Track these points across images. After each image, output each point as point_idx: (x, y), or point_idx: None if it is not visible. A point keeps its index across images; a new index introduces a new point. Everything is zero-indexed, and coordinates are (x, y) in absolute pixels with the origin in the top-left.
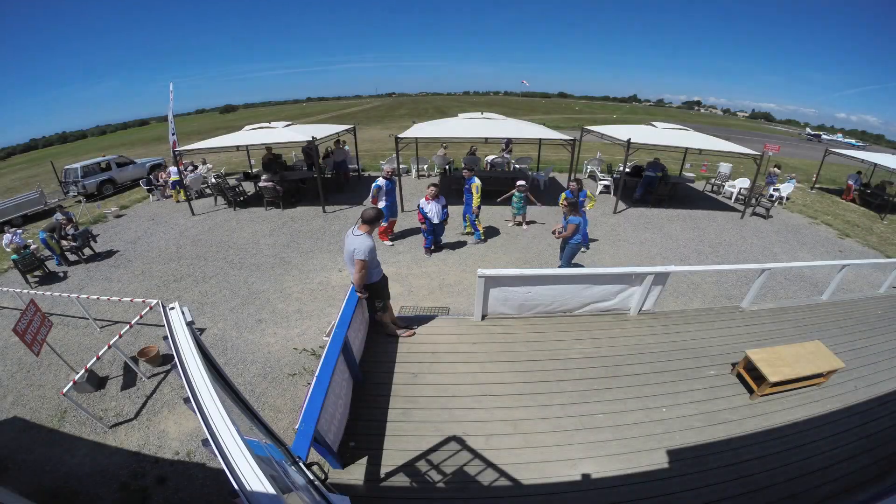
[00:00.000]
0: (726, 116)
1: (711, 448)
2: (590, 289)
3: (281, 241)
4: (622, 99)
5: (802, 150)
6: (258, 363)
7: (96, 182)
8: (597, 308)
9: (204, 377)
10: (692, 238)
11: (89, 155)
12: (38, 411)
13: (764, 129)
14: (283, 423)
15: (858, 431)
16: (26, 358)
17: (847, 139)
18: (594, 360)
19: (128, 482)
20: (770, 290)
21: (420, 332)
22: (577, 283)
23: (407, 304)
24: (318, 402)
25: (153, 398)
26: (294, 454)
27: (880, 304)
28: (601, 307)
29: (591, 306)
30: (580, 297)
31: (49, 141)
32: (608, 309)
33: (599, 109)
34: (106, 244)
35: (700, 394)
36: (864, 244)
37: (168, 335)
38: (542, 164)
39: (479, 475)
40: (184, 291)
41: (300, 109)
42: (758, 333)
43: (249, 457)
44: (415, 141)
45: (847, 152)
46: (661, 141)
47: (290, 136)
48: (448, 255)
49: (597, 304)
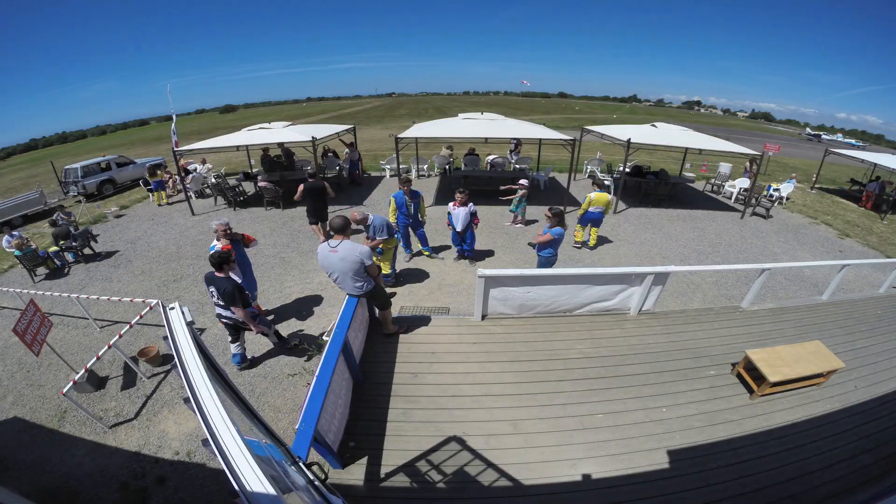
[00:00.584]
0: (726, 116)
1: (711, 448)
2: (590, 289)
3: (281, 241)
4: (622, 99)
5: (802, 150)
6: (258, 363)
7: (96, 182)
8: (597, 308)
9: (204, 377)
10: (692, 238)
11: (89, 155)
12: (38, 411)
13: (764, 129)
14: (283, 423)
15: (858, 431)
16: (26, 358)
17: (847, 139)
18: (594, 360)
19: (128, 482)
20: (770, 290)
21: (420, 332)
22: (577, 284)
23: (407, 304)
24: (318, 402)
25: (153, 398)
26: (294, 454)
27: (880, 304)
28: (601, 307)
29: (591, 306)
30: (580, 297)
31: (49, 141)
32: (608, 309)
33: (599, 109)
34: (106, 244)
35: (700, 394)
36: (864, 244)
37: (168, 335)
38: (542, 164)
39: (480, 475)
40: (184, 291)
41: (300, 109)
42: (758, 333)
43: (249, 457)
44: (415, 141)
45: (847, 152)
46: (661, 141)
47: (290, 136)
48: (448, 255)
49: (597, 304)
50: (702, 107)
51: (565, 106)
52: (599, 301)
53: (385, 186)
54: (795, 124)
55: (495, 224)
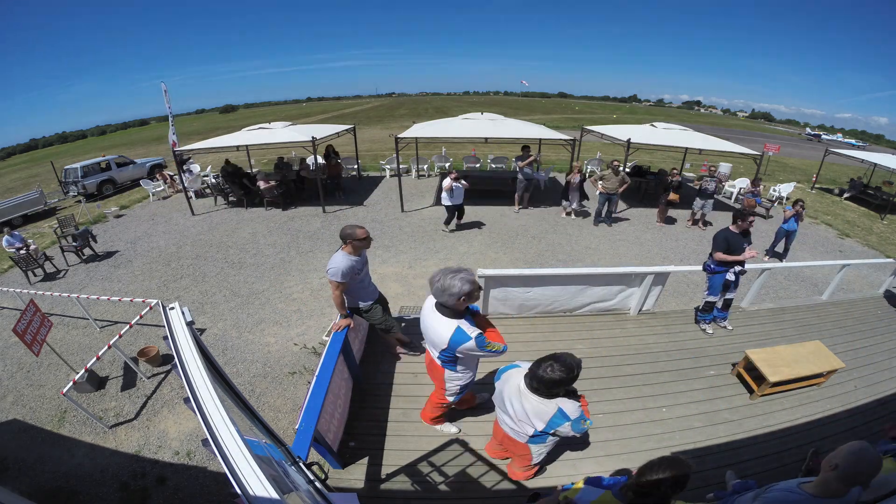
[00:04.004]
0: (726, 116)
1: (711, 448)
2: (590, 289)
3: (281, 241)
4: (622, 99)
5: (802, 150)
6: (258, 363)
7: (96, 182)
8: (597, 308)
9: (204, 377)
10: (692, 238)
11: (89, 155)
12: (38, 411)
13: (764, 129)
14: (283, 423)
15: (858, 431)
16: (26, 358)
17: (847, 139)
18: (594, 360)
19: (128, 482)
20: (770, 290)
21: (420, 332)
22: (577, 284)
23: (407, 304)
24: (318, 402)
25: (153, 398)
26: (294, 454)
27: (880, 304)
28: (601, 307)
29: (591, 306)
30: (580, 297)
31: (49, 141)
32: (608, 309)
33: (599, 109)
34: (106, 244)
35: (700, 394)
36: (864, 244)
37: (168, 335)
38: (542, 164)
39: (480, 476)
40: (184, 291)
41: (300, 109)
42: (758, 333)
43: (249, 457)
44: (415, 141)
45: (847, 152)
46: (661, 141)
47: (290, 136)
48: (448, 255)
49: (597, 304)
50: (702, 107)
51: (565, 106)
52: (599, 301)
53: (385, 186)
54: (795, 124)
55: (496, 224)
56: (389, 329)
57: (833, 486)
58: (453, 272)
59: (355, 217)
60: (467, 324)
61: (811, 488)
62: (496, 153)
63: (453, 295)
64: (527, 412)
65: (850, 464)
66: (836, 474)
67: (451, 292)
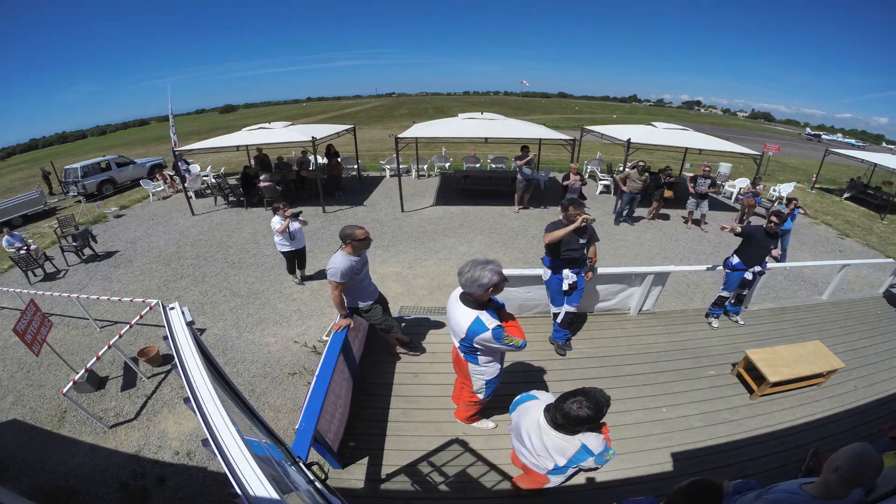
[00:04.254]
0: (726, 116)
1: (711, 448)
2: (590, 289)
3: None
4: (622, 99)
5: (803, 150)
6: (258, 363)
7: (96, 182)
8: (597, 308)
9: (204, 377)
10: (692, 238)
11: (89, 155)
12: (39, 411)
13: (764, 129)
14: (283, 423)
15: (858, 431)
16: (26, 358)
17: (847, 139)
18: (594, 360)
19: (128, 482)
20: (770, 290)
21: (420, 332)
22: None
23: (407, 304)
24: (318, 402)
25: (153, 398)
26: (294, 454)
27: (880, 304)
28: (601, 307)
29: (591, 306)
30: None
31: (49, 141)
32: (608, 309)
33: (599, 109)
34: (106, 244)
35: (700, 394)
36: (864, 244)
37: (168, 335)
38: (542, 164)
39: (480, 476)
40: (184, 291)
41: (300, 109)
42: (758, 333)
43: (249, 457)
44: (415, 141)
45: (847, 152)
46: (662, 141)
47: (290, 136)
48: (448, 255)
49: (597, 304)
50: (702, 107)
51: (565, 106)
52: (599, 301)
53: (385, 186)
54: (795, 124)
55: (496, 223)
56: (389, 329)
57: (834, 488)
58: (482, 264)
59: (355, 217)
60: (487, 315)
61: (813, 490)
62: (496, 153)
63: (483, 286)
64: (547, 448)
65: (852, 466)
66: (838, 476)
67: (481, 283)
